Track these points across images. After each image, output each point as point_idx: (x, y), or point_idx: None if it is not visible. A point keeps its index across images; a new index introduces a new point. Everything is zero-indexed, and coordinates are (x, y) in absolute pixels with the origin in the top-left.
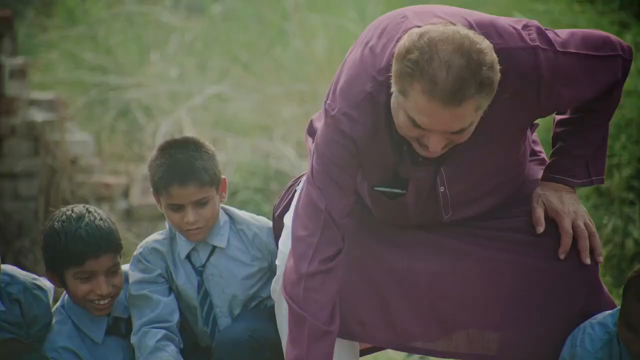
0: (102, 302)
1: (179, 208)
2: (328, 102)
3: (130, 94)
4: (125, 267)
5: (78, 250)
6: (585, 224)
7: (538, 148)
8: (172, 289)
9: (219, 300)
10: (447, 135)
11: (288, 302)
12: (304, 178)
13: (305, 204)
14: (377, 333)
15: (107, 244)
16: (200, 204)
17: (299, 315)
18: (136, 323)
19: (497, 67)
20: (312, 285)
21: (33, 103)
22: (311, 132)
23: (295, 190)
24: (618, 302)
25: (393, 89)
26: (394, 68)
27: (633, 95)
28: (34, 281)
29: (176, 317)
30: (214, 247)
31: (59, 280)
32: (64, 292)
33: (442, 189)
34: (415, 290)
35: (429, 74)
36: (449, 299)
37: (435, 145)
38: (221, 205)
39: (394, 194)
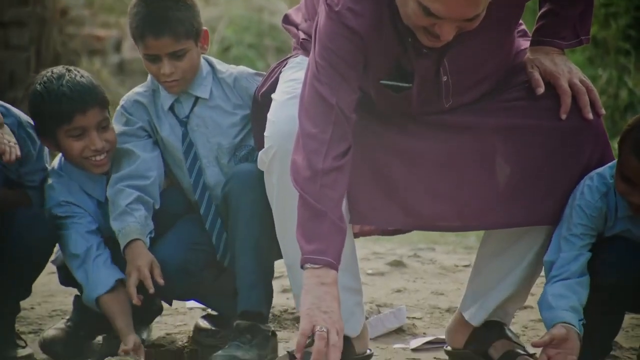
0: (98, 157)
1: (155, 59)
2: None
3: None
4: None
5: (64, 107)
6: (581, 81)
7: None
8: (157, 141)
9: (204, 150)
10: (460, 22)
11: (305, 198)
12: (289, 62)
13: (314, 101)
14: (389, 216)
15: (92, 97)
16: (176, 56)
17: (319, 210)
18: (113, 176)
19: None
20: (327, 182)
21: None
22: (287, 22)
23: (280, 71)
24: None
25: None
26: None
27: None
28: (29, 120)
29: (153, 174)
30: (197, 98)
31: (53, 144)
32: (58, 156)
33: (444, 79)
34: (422, 170)
35: None
36: (456, 174)
37: (448, 34)
38: (203, 56)
39: (400, 88)
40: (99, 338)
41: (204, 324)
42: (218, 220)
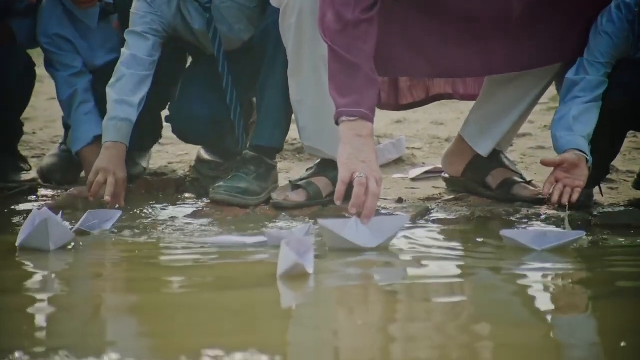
0: None
1: None
2: None
3: None
4: None
5: None
6: None
7: None
8: (185, 37)
9: (235, 19)
10: None
11: (336, 51)
12: None
13: None
14: (415, 67)
15: None
16: None
17: (351, 63)
18: (129, 53)
19: None
20: (357, 34)
21: None
22: None
23: None
24: None
25: None
26: None
27: None
28: None
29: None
30: None
31: None
32: None
33: None
34: (445, 21)
35: None
36: (479, 22)
37: None
38: None
39: None
40: None
41: (206, 155)
42: (238, 105)
